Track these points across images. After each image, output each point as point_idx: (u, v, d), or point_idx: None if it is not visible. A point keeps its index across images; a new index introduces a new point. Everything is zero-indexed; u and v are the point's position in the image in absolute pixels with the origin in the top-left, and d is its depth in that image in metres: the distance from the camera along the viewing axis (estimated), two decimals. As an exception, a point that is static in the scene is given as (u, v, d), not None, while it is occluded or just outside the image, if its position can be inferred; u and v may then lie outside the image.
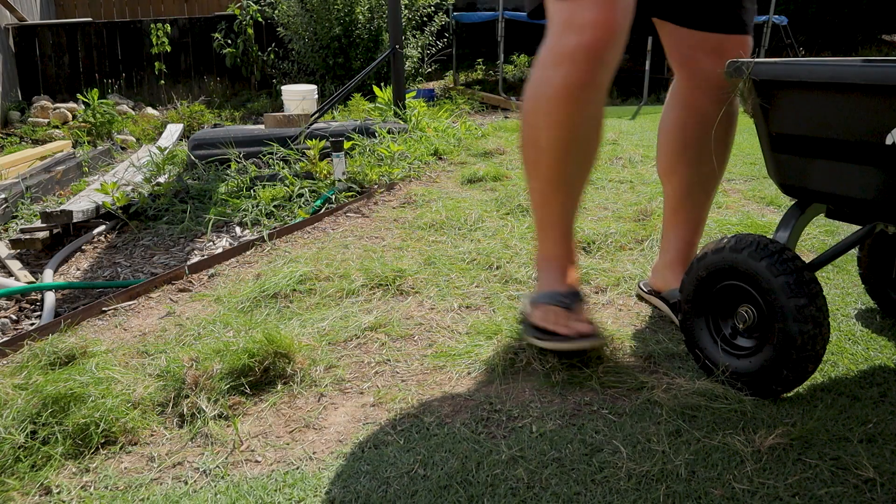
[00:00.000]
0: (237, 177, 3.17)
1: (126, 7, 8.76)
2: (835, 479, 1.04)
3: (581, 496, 1.03)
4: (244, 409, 1.34)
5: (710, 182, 1.61)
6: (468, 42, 8.91)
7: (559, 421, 1.23)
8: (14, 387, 1.36)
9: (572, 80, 1.24)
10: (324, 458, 1.18)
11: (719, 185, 1.66)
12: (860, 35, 8.40)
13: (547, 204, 1.43)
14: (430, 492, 1.06)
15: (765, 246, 1.22)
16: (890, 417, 1.20)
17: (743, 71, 1.24)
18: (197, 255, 2.48)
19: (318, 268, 2.00)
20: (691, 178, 1.58)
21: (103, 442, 1.24)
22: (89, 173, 4.32)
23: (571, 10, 1.22)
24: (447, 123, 4.40)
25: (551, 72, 1.27)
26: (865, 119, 1.11)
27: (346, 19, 6.74)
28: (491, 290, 1.83)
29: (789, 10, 7.93)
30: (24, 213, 3.20)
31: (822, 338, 1.17)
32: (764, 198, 2.66)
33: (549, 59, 1.28)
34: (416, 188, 3.00)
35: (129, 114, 6.60)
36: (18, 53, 7.26)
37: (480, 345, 1.52)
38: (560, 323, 1.37)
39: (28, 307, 2.18)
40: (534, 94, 1.32)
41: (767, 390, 1.23)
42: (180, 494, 1.10)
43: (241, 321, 1.69)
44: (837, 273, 1.88)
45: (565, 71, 1.24)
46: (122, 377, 1.42)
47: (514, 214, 2.52)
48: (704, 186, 1.60)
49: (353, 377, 1.44)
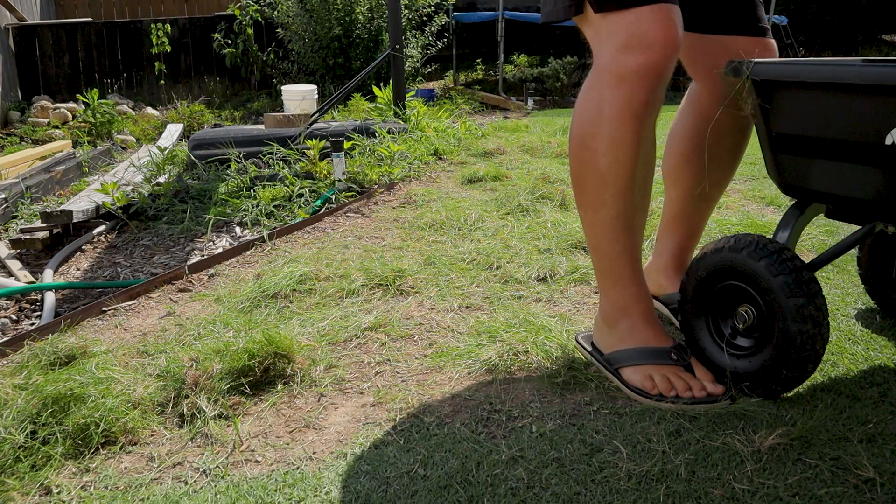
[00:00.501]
0: (237, 177, 3.17)
1: (126, 7, 8.76)
2: (835, 479, 1.04)
3: (581, 496, 1.03)
4: (244, 409, 1.34)
5: (715, 192, 1.58)
6: (468, 42, 8.91)
7: (559, 421, 1.24)
8: (14, 387, 1.36)
9: (638, 98, 1.20)
10: (324, 458, 1.18)
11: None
12: (860, 35, 8.40)
13: (616, 239, 1.29)
14: (430, 492, 1.06)
15: (764, 246, 1.22)
16: (890, 417, 1.20)
17: (742, 71, 1.24)
18: (197, 255, 2.48)
19: (318, 268, 2.00)
20: (697, 185, 1.55)
21: (103, 442, 1.24)
22: (89, 173, 4.32)
23: (632, 28, 1.18)
24: (447, 123, 4.41)
25: (611, 91, 1.21)
26: (865, 119, 1.11)
27: (346, 19, 6.74)
28: (491, 290, 1.83)
29: (789, 10, 7.93)
30: (24, 213, 3.21)
31: (821, 337, 1.17)
32: (764, 198, 2.66)
33: (607, 79, 1.22)
34: (416, 188, 3.00)
35: (129, 114, 6.60)
36: (18, 53, 7.27)
37: (480, 345, 1.52)
38: (683, 385, 1.25)
39: (28, 307, 2.18)
40: (591, 118, 1.25)
41: (767, 390, 1.23)
42: (180, 494, 1.10)
43: (241, 321, 1.69)
44: (837, 273, 1.88)
45: (629, 90, 1.20)
46: (122, 377, 1.42)
47: (514, 214, 2.52)
48: (709, 196, 1.57)
49: (353, 377, 1.45)
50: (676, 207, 1.61)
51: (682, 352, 1.33)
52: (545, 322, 1.59)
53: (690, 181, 1.56)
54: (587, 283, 1.87)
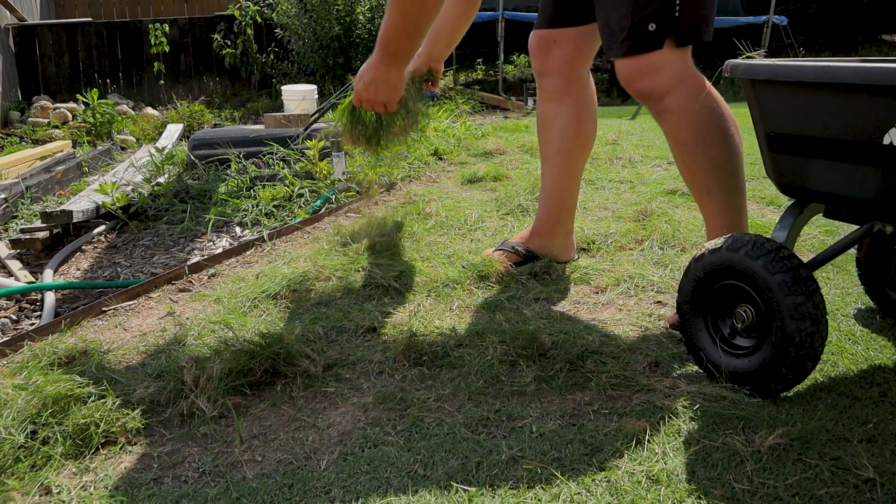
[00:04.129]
0: (237, 177, 3.17)
1: (126, 7, 8.76)
2: (835, 479, 1.04)
3: (581, 496, 1.04)
4: (244, 409, 1.34)
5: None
6: (468, 42, 8.88)
7: (559, 421, 1.24)
8: (14, 387, 1.36)
9: (720, 100, 1.58)
10: (324, 458, 1.18)
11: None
12: (860, 35, 8.40)
13: (744, 211, 1.62)
14: (430, 492, 1.06)
15: (761, 244, 1.22)
16: (890, 417, 1.20)
17: (741, 71, 1.24)
18: (197, 255, 2.48)
19: (318, 268, 2.00)
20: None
21: (103, 442, 1.25)
22: (89, 173, 4.32)
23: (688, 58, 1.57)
24: (447, 123, 4.40)
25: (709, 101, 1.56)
26: (864, 119, 1.11)
27: (346, 19, 6.74)
28: (490, 291, 1.83)
29: (789, 10, 7.93)
30: (24, 213, 3.20)
31: (820, 335, 1.18)
32: (764, 198, 2.66)
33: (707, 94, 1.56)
34: (416, 188, 3.00)
35: (128, 114, 6.60)
36: (18, 53, 7.27)
37: (480, 345, 1.52)
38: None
39: (28, 307, 2.18)
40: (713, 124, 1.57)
41: (767, 389, 1.23)
42: (180, 494, 1.11)
43: (241, 321, 1.70)
44: (837, 273, 1.88)
45: (716, 96, 1.57)
46: (122, 377, 1.42)
47: (514, 214, 2.52)
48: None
49: (353, 377, 1.45)
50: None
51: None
52: (545, 322, 1.59)
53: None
54: (587, 283, 1.87)
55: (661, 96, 1.56)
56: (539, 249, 1.99)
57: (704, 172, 1.57)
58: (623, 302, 1.75)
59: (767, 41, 6.91)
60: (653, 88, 1.56)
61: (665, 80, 1.54)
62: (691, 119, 1.55)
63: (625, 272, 1.90)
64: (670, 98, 1.55)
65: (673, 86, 1.54)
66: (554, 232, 1.99)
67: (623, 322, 1.63)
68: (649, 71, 1.54)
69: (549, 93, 1.91)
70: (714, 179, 1.57)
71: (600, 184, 2.95)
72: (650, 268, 1.93)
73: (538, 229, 2.00)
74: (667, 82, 1.55)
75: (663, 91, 1.55)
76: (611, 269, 1.94)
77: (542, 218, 2.00)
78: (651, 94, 1.57)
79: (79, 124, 6.11)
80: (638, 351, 1.48)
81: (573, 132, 1.91)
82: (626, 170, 3.19)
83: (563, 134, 1.91)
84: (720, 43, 1.69)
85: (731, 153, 1.56)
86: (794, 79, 1.18)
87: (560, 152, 1.93)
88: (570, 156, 1.93)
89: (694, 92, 1.55)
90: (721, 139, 1.56)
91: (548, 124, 1.93)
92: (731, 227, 1.59)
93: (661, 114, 1.58)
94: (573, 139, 1.91)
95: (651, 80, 1.55)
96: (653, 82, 1.55)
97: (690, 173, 1.60)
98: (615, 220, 2.40)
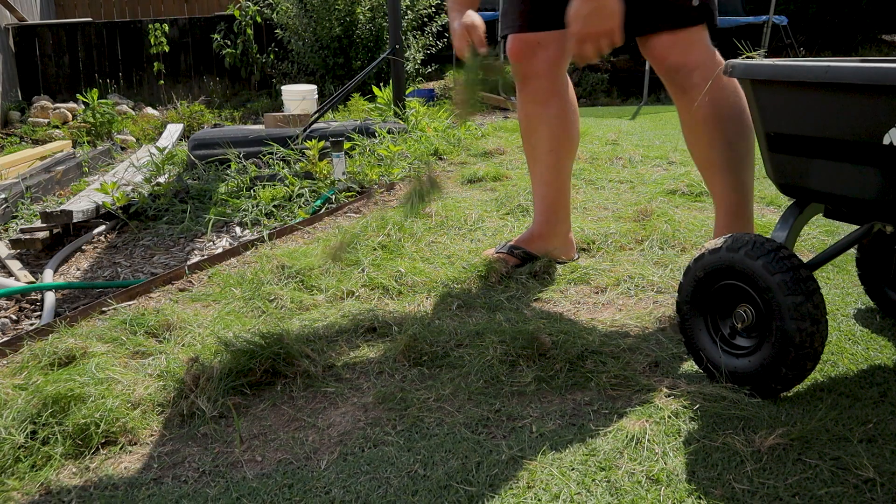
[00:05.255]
0: (237, 177, 3.17)
1: (126, 7, 8.75)
2: (835, 479, 1.04)
3: (581, 496, 1.04)
4: (244, 409, 1.34)
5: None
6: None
7: (559, 421, 1.24)
8: (14, 387, 1.36)
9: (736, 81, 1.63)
10: (324, 458, 1.18)
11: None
12: (860, 35, 8.40)
13: (751, 190, 1.71)
14: (430, 492, 1.06)
15: (761, 244, 1.22)
16: (890, 417, 1.20)
17: (741, 71, 1.24)
18: (197, 255, 2.48)
19: (318, 268, 2.00)
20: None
21: (103, 442, 1.25)
22: (89, 173, 4.32)
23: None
24: (447, 123, 4.40)
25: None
26: (863, 119, 1.11)
27: (346, 19, 6.74)
28: (490, 291, 1.83)
29: (789, 10, 7.92)
30: (24, 213, 3.20)
31: (820, 335, 1.17)
32: (764, 198, 2.66)
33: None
34: (416, 188, 3.00)
35: (128, 114, 6.60)
36: (18, 53, 7.27)
37: (480, 345, 1.51)
38: None
39: (28, 307, 2.18)
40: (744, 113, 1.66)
41: (767, 389, 1.23)
42: (180, 494, 1.11)
43: (240, 321, 1.70)
44: (837, 273, 1.88)
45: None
46: (122, 377, 1.42)
47: (514, 214, 2.52)
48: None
49: (353, 377, 1.45)
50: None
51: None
52: (545, 322, 1.59)
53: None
54: (587, 283, 1.87)
55: (690, 70, 1.62)
56: (540, 252, 1.99)
57: (720, 149, 1.65)
58: (623, 302, 1.75)
59: (767, 41, 6.90)
60: (686, 62, 1.63)
61: (698, 55, 1.63)
62: (715, 95, 1.62)
63: (625, 272, 1.90)
64: (698, 73, 1.62)
65: (703, 61, 1.62)
66: (553, 233, 1.99)
67: (623, 322, 1.63)
68: (686, 45, 1.62)
69: (534, 95, 1.90)
70: (727, 157, 1.65)
71: (600, 184, 2.94)
72: (650, 268, 1.93)
73: (537, 232, 2.00)
74: (699, 58, 1.62)
75: (694, 66, 1.62)
76: (611, 269, 1.94)
77: (540, 220, 2.00)
78: (683, 67, 1.63)
79: (79, 124, 6.11)
80: (638, 351, 1.48)
81: (563, 132, 1.92)
82: (626, 170, 3.19)
83: (554, 134, 1.91)
84: (720, 43, 1.70)
85: (746, 132, 1.64)
86: (794, 79, 1.18)
87: (553, 151, 1.93)
88: (562, 154, 1.94)
89: (719, 70, 1.59)
90: (739, 117, 1.64)
91: (534, 127, 1.94)
92: (740, 203, 1.67)
93: (688, 89, 1.64)
94: (564, 138, 1.93)
95: (686, 55, 1.63)
96: (687, 57, 1.63)
97: (707, 149, 1.67)
98: (615, 220, 2.40)
